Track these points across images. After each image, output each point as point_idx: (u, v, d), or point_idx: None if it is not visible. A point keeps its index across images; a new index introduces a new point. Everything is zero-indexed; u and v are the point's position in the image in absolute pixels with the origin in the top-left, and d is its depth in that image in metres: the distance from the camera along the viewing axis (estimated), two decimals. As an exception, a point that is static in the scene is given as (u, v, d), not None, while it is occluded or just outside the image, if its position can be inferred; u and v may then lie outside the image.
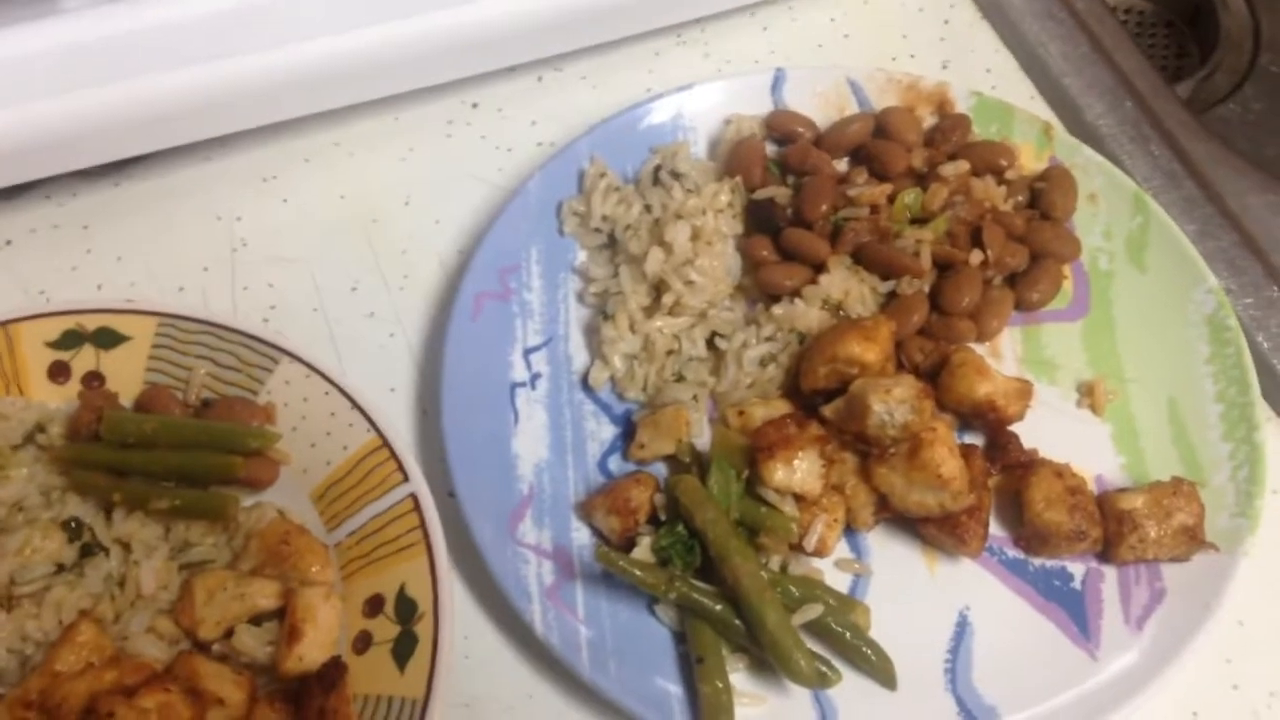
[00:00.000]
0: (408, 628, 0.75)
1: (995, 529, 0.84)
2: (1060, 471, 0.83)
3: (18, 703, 0.69)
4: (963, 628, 0.80)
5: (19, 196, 0.97)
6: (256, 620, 0.75)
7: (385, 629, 0.75)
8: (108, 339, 0.85)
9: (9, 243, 0.96)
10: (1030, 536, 0.82)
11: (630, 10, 1.07)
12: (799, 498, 0.80)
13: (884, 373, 0.83)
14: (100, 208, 0.98)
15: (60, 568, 0.75)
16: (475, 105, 1.07)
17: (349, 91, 1.01)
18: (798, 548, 0.80)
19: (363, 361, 0.92)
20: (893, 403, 0.79)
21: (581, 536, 0.83)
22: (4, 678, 0.73)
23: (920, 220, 0.94)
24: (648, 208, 0.94)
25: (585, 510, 0.83)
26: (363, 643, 0.75)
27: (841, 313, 0.89)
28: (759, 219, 0.95)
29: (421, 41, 0.99)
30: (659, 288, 0.90)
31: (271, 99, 0.98)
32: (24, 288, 0.93)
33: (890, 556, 0.83)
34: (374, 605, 0.77)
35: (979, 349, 0.90)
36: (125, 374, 0.84)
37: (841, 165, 0.99)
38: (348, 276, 0.97)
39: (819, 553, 0.80)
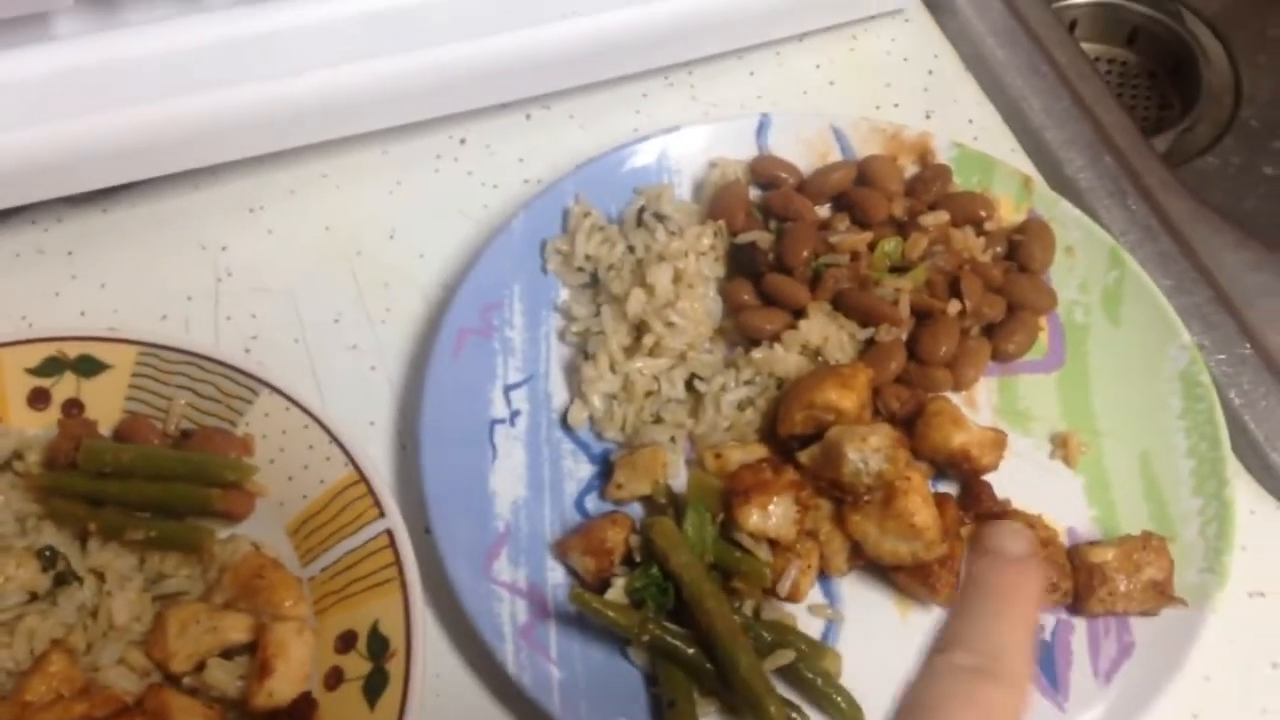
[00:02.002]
0: (379, 664, 0.75)
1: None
2: (1032, 523, 0.84)
3: (-15, 732, 0.69)
4: (933, 676, 0.81)
5: (3, 221, 0.98)
6: (228, 654, 0.75)
7: (357, 665, 0.76)
8: (89, 367, 0.85)
9: (-8, 267, 0.96)
10: (1001, 587, 0.83)
11: (619, 52, 1.08)
12: (773, 543, 0.80)
13: (860, 420, 0.84)
14: (86, 234, 0.99)
15: (33, 596, 0.75)
16: (463, 141, 1.08)
17: (338, 124, 1.02)
18: (771, 592, 0.81)
19: (343, 394, 0.92)
20: (868, 451, 0.80)
21: (556, 576, 0.83)
22: (-28, 707, 0.72)
23: (900, 269, 0.95)
24: (631, 248, 0.95)
25: (561, 550, 0.83)
26: (334, 679, 0.75)
27: (820, 358, 0.90)
28: (741, 263, 0.96)
29: (412, 77, 1.00)
30: (640, 329, 0.91)
31: (261, 131, 0.98)
32: (6, 312, 0.94)
33: (863, 603, 0.84)
34: (346, 641, 0.77)
35: (955, 398, 0.90)
36: (105, 402, 0.84)
37: (823, 211, 1.01)
38: (331, 308, 0.97)
39: (792, 598, 0.81)
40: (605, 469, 0.88)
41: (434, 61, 1.00)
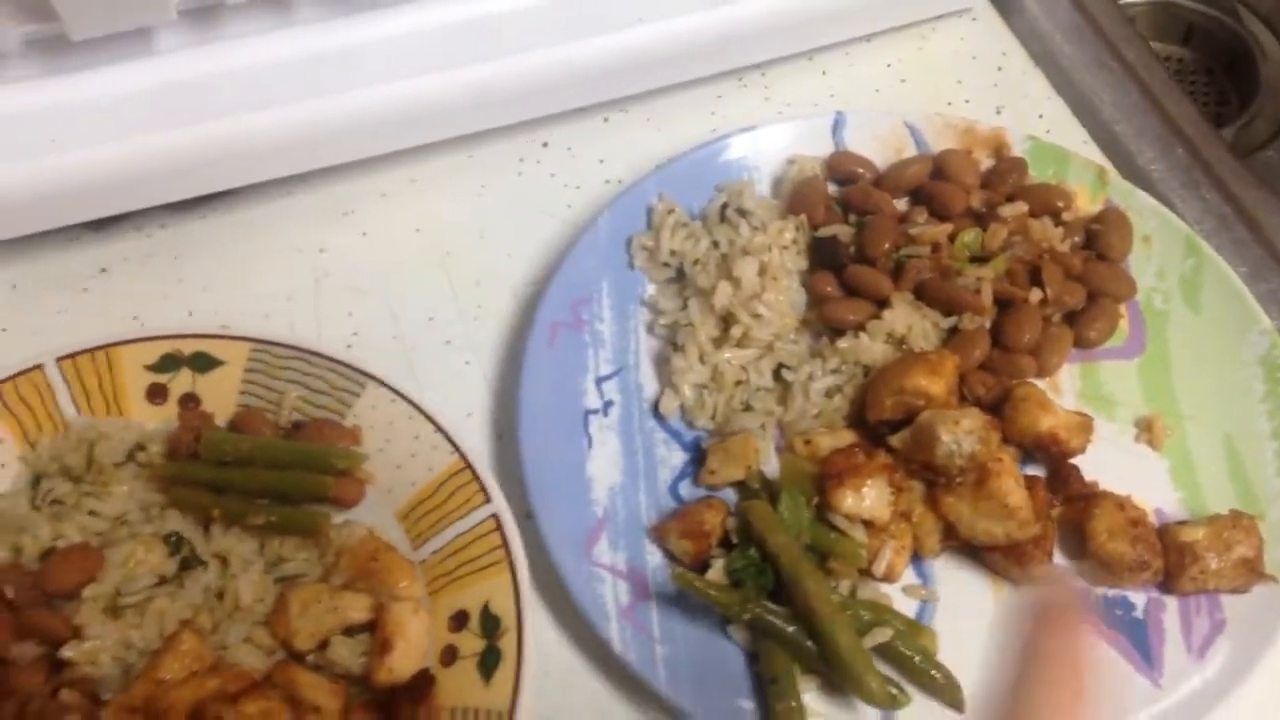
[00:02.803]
0: (492, 642, 0.78)
1: (1058, 558, 0.86)
2: (1122, 504, 0.85)
3: (123, 709, 0.72)
4: (1028, 654, 0.82)
5: (112, 227, 1.02)
6: (349, 632, 0.78)
7: (470, 643, 0.78)
8: (203, 363, 0.89)
9: (104, 271, 1.00)
10: (1093, 567, 0.84)
11: (693, 55, 1.11)
12: (868, 524, 0.82)
13: (949, 405, 0.86)
14: (189, 239, 1.03)
15: (162, 580, 0.79)
16: (545, 144, 1.12)
17: (425, 131, 1.05)
18: (866, 573, 0.83)
19: (440, 388, 0.95)
20: (961, 434, 0.82)
21: (655, 559, 0.86)
22: (107, 685, 0.76)
23: (980, 259, 0.97)
24: (715, 243, 0.98)
25: (658, 534, 0.86)
26: (449, 656, 0.78)
27: (905, 347, 0.92)
28: (822, 256, 0.98)
29: (494, 84, 1.04)
30: (727, 320, 0.94)
31: (352, 138, 1.02)
32: (118, 313, 0.97)
33: (956, 582, 0.86)
34: (459, 620, 0.80)
35: (1039, 384, 0.92)
36: (220, 396, 0.88)
37: (901, 205, 1.03)
38: (425, 306, 1.01)
39: (887, 578, 0.83)
40: (697, 456, 0.91)
41: (515, 69, 1.04)
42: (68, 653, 0.75)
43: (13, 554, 0.79)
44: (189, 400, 0.88)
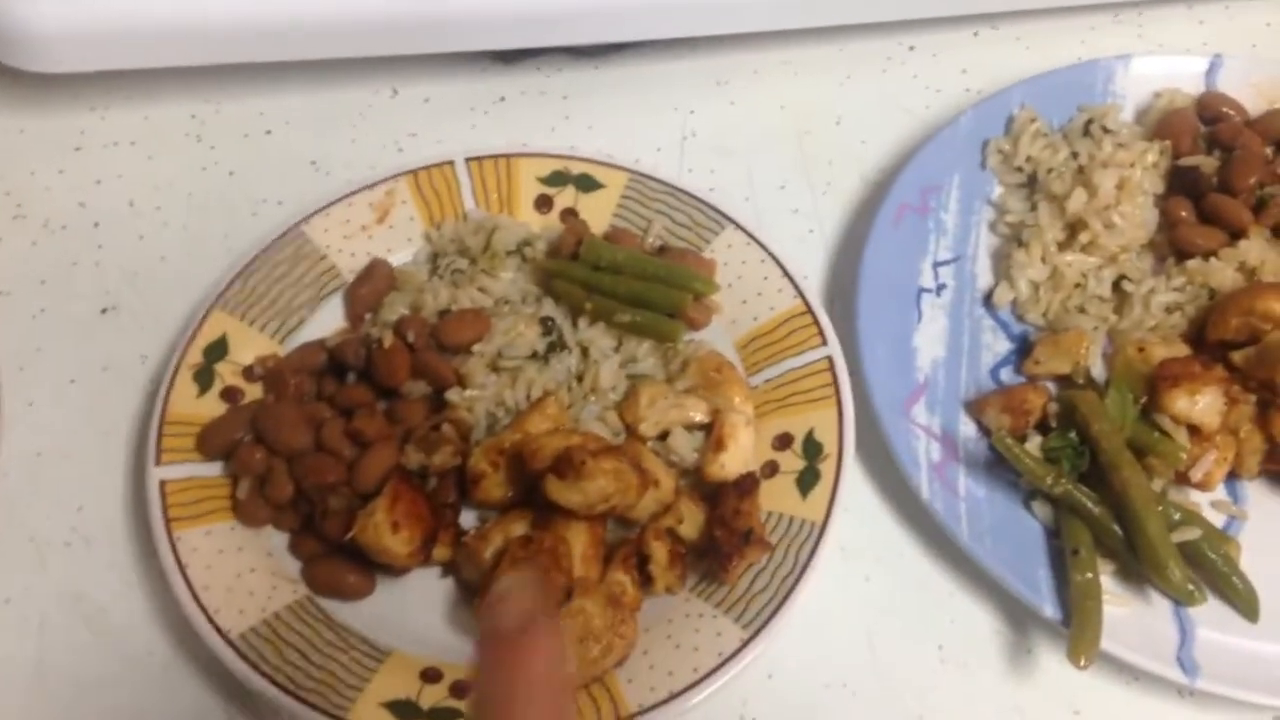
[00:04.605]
0: (812, 464, 0.85)
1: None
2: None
3: (493, 449, 0.83)
4: (1335, 586, 0.82)
5: (515, 63, 1.14)
6: (686, 430, 0.86)
7: (791, 462, 0.86)
8: (587, 183, 0.99)
9: (503, 99, 1.12)
10: None
11: (1076, -19, 1.13)
12: (1193, 430, 0.84)
13: (1299, 333, 0.86)
14: (580, 84, 1.13)
15: (533, 355, 0.89)
16: (912, 48, 1.16)
17: (803, 15, 1.12)
18: (1183, 478, 0.85)
19: (783, 250, 1.01)
20: (1311, 357, 0.82)
21: (968, 430, 0.90)
22: (474, 433, 0.87)
23: (1345, 212, 0.95)
24: (1074, 154, 1.00)
25: (977, 408, 0.90)
26: (770, 469, 0.86)
27: (1255, 279, 0.92)
28: (1182, 183, 0.99)
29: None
30: (1075, 227, 0.96)
31: (738, 11, 1.10)
32: (511, 136, 1.09)
33: (1265, 509, 0.86)
34: (783, 441, 0.87)
35: (1392, 338, 0.90)
36: (596, 215, 0.98)
37: (1267, 153, 1.02)
38: (778, 175, 1.08)
39: (1202, 486, 0.84)
40: (1022, 348, 0.94)
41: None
42: (451, 396, 0.87)
43: (413, 310, 0.91)
44: (569, 213, 0.98)
